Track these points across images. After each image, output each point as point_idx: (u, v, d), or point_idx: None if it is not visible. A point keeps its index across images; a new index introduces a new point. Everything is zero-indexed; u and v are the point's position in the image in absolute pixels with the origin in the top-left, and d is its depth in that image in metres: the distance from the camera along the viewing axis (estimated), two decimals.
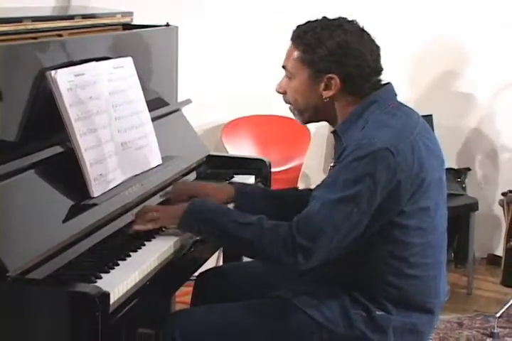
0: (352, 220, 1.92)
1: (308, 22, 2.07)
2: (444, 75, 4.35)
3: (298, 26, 2.08)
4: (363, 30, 2.06)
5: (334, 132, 2.10)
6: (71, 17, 2.47)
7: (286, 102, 2.13)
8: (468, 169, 4.33)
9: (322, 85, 2.03)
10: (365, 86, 2.04)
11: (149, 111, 2.44)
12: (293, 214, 1.97)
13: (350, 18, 2.07)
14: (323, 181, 2.02)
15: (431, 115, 3.91)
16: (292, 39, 2.07)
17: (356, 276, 2.04)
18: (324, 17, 2.07)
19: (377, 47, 2.06)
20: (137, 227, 2.14)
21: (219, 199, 2.27)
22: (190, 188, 2.40)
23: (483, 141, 4.42)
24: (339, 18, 2.06)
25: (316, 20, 2.06)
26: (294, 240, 1.92)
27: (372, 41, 2.06)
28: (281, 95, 2.13)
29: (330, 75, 2.02)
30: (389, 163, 1.92)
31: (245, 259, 2.76)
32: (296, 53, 2.05)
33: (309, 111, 2.10)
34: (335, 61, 2.00)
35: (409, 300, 2.04)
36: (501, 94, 4.34)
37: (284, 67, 2.10)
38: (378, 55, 2.06)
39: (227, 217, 2.04)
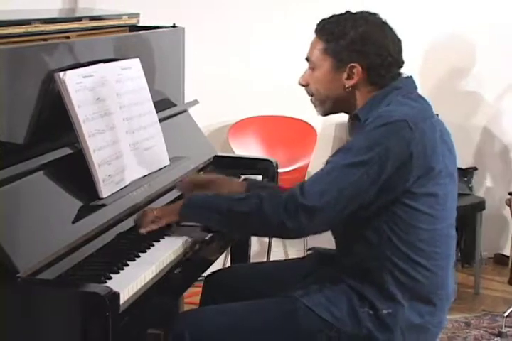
0: (358, 186, 1.95)
1: (333, 15, 2.12)
2: (450, 74, 4.35)
3: (322, 19, 2.13)
4: (384, 22, 2.10)
5: (355, 116, 2.11)
6: (79, 19, 2.47)
7: (308, 94, 2.17)
8: (475, 168, 4.32)
9: (344, 75, 2.07)
10: (387, 76, 2.08)
11: (157, 112, 2.45)
12: None
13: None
14: (339, 148, 2.06)
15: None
16: (316, 31, 2.12)
17: (365, 260, 2.04)
18: (348, 11, 2.12)
19: (399, 40, 2.11)
20: (142, 230, 2.15)
21: (231, 192, 2.28)
22: (203, 179, 2.43)
23: (490, 141, 4.41)
24: (362, 11, 2.11)
25: (340, 14, 2.11)
26: (295, 200, 1.95)
27: (394, 34, 2.10)
28: (304, 88, 2.16)
29: (352, 64, 2.06)
30: (404, 134, 1.96)
31: (253, 260, 2.77)
32: (319, 44, 2.10)
33: (330, 102, 2.13)
34: (357, 50, 2.05)
35: (416, 289, 2.04)
36: (508, 93, 4.33)
37: (307, 58, 2.14)
38: (400, 48, 2.10)
39: (223, 198, 2.10)
